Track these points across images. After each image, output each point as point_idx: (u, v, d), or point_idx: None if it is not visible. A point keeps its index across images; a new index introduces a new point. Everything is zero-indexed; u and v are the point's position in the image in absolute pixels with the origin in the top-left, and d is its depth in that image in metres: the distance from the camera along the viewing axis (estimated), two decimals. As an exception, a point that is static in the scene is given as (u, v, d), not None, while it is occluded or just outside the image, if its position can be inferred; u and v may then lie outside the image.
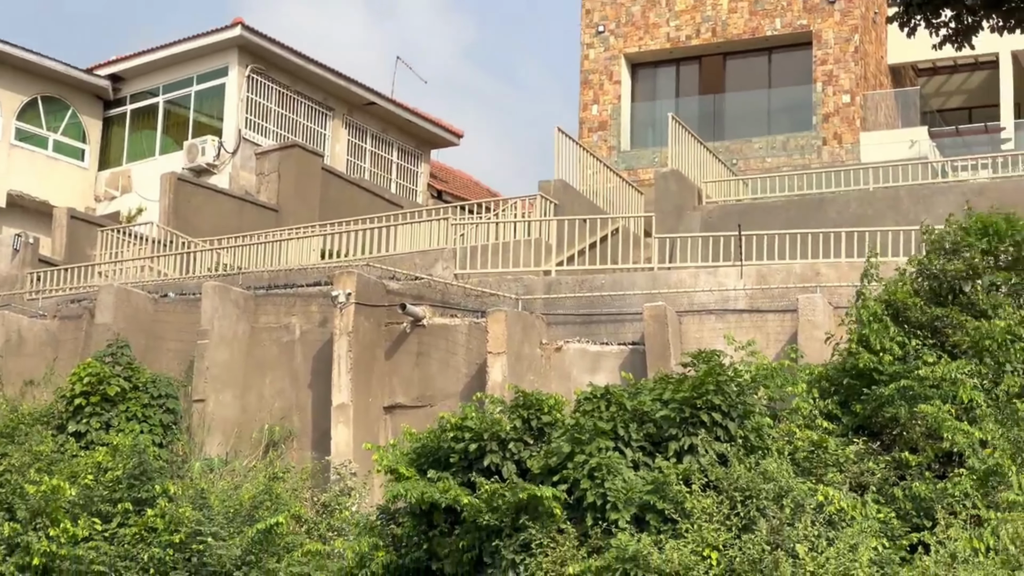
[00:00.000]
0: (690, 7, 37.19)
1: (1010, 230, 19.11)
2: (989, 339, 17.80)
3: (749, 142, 35.87)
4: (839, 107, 35.34)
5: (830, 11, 35.79)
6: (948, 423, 16.40)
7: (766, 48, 36.84)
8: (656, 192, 30.13)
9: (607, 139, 37.18)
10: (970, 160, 31.63)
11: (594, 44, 37.92)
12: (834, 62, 35.54)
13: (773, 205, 29.65)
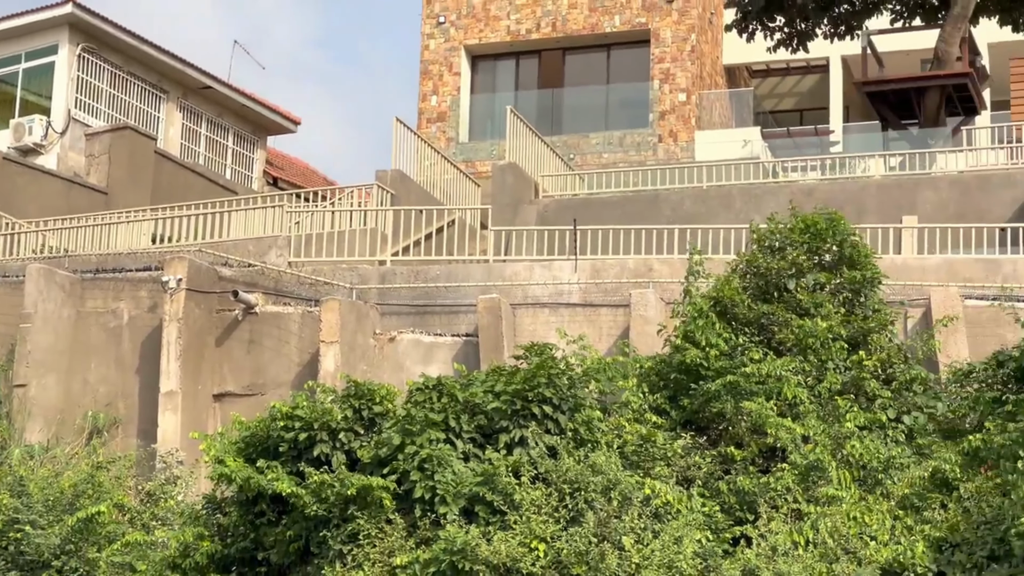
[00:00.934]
0: (531, 1, 37.37)
1: (832, 230, 19.54)
2: (812, 337, 18.19)
3: (587, 137, 36.16)
4: (675, 105, 35.80)
5: (668, 10, 36.23)
6: (772, 419, 16.70)
7: (605, 44, 37.18)
8: (493, 185, 30.20)
9: (446, 130, 37.16)
10: (800, 161, 32.30)
11: (434, 35, 37.88)
12: (671, 61, 36.00)
13: (609, 200, 29.92)
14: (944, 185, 28.36)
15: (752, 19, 33.68)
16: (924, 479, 16.01)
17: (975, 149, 30.60)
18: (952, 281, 22.41)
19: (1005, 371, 17.37)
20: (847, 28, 33.61)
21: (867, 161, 30.86)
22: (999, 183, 28.06)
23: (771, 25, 33.81)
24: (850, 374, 18.09)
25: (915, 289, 22.21)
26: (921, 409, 17.80)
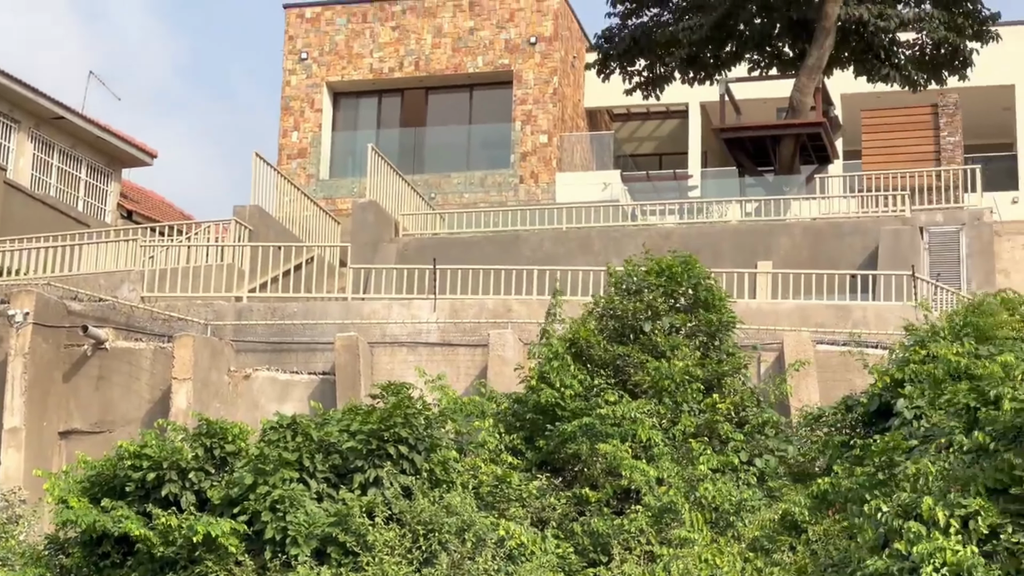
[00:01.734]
0: (394, 40, 37.39)
1: (687, 274, 19.76)
2: (668, 380, 18.34)
3: (448, 177, 36.21)
4: (537, 147, 36.03)
5: (531, 52, 36.49)
6: (626, 461, 16.78)
7: (468, 85, 37.33)
8: (353, 222, 30.06)
9: (306, 167, 36.94)
10: (659, 205, 32.68)
11: (296, 71, 37.70)
12: (533, 102, 36.24)
13: (469, 240, 29.94)
14: (798, 231, 28.88)
15: (613, 62, 34.09)
16: (774, 521, 16.20)
17: (828, 197, 31.21)
18: (805, 326, 22.80)
19: (853, 416, 17.69)
20: (706, 75, 34.16)
21: (724, 206, 31.31)
22: (850, 231, 28.66)
23: (631, 69, 34.23)
24: (704, 417, 18.27)
25: (769, 333, 22.54)
26: (772, 452, 18.03)
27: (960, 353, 16.98)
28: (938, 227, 28.76)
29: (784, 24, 33.16)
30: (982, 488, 14.39)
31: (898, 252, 27.62)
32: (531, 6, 36.91)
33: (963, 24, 32.51)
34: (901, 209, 29.05)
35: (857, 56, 33.20)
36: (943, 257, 28.32)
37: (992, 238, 28.64)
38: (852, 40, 32.76)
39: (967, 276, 27.93)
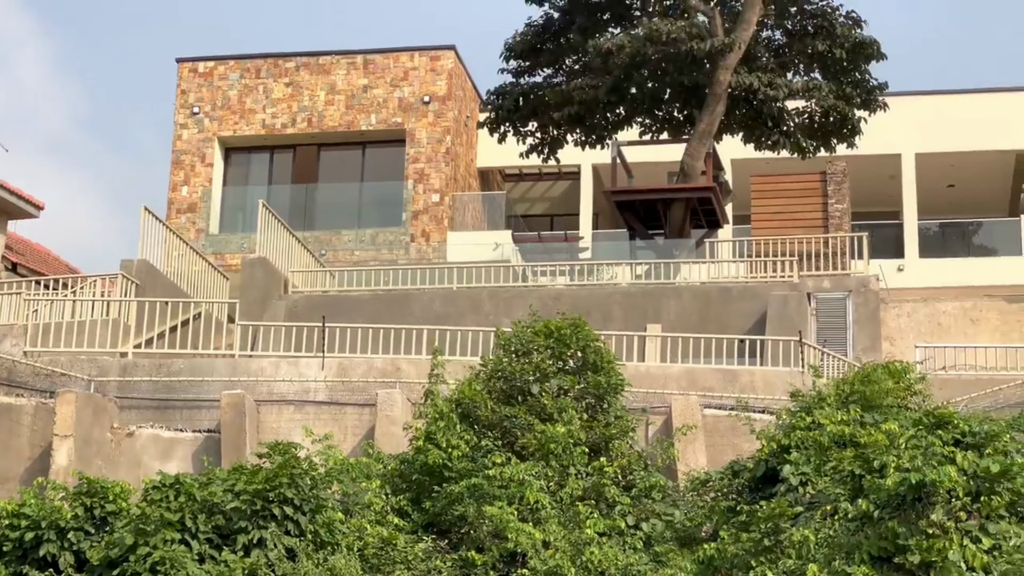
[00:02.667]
0: (287, 96, 37.28)
1: (576, 336, 19.78)
2: (555, 442, 18.31)
3: (339, 234, 36.05)
4: (428, 205, 36.03)
5: (424, 111, 36.57)
6: (513, 524, 16.70)
7: (361, 142, 37.30)
8: (242, 278, 29.74)
9: (196, 221, 36.59)
10: (550, 266, 32.77)
11: (188, 125, 37.40)
12: (426, 161, 36.28)
13: (359, 298, 29.76)
14: (687, 295, 29.08)
15: (505, 121, 34.24)
16: (662, 587, 16.19)
17: (717, 261, 31.51)
18: (693, 390, 22.90)
19: (740, 481, 17.76)
20: (598, 138, 34.43)
21: (614, 268, 31.47)
22: (739, 295, 28.92)
23: (524, 130, 34.42)
24: (591, 480, 18.25)
25: (657, 396, 22.62)
26: (659, 516, 18.04)
27: (845, 421, 17.15)
28: (825, 293, 29.13)
29: (676, 89, 33.55)
30: (866, 556, 14.50)
31: (786, 317, 27.90)
32: (425, 65, 37.03)
33: (851, 93, 33.13)
34: (789, 275, 29.39)
35: (747, 123, 33.67)
36: (830, 323, 28.67)
37: (878, 305, 29.06)
38: (742, 107, 33.24)
39: (853, 343, 28.27)
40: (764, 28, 33.98)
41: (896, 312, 30.04)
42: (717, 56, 31.74)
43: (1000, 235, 38.31)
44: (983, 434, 15.31)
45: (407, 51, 37.45)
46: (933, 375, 22.79)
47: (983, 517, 14.45)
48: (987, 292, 31.58)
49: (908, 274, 36.09)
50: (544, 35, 34.00)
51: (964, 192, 39.89)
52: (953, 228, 39.34)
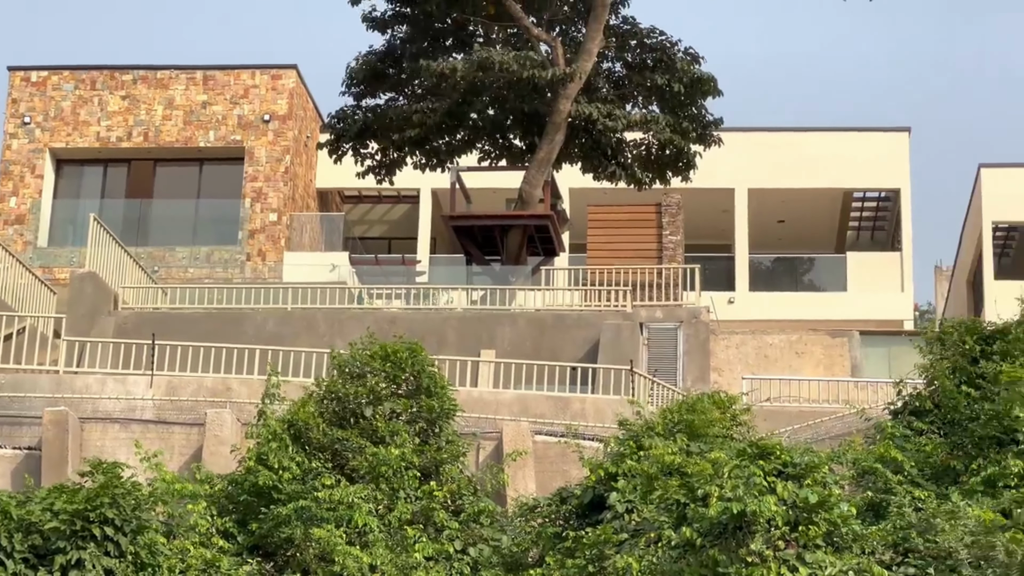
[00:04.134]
0: (123, 109, 36.66)
1: (411, 360, 19.75)
2: (386, 465, 18.22)
3: (173, 251, 35.52)
4: (266, 225, 35.69)
5: (264, 130, 36.26)
6: (340, 547, 16.57)
7: (198, 159, 36.82)
8: (71, 293, 29.07)
9: (24, 234, 35.73)
10: (386, 289, 32.66)
11: (18, 135, 36.54)
12: (264, 180, 35.95)
13: (192, 316, 29.31)
14: (522, 322, 29.23)
15: (345, 143, 34.10)
16: (486, 612, 16.18)
17: (553, 289, 31.74)
18: (525, 416, 23.00)
19: (568, 507, 17.86)
20: (438, 162, 34.47)
21: (450, 293, 31.51)
22: (573, 323, 29.15)
23: (363, 151, 34.29)
24: (421, 504, 18.20)
25: (489, 422, 22.67)
26: (487, 541, 18.04)
27: (672, 449, 17.35)
28: (657, 323, 29.51)
29: (516, 116, 33.77)
30: (687, 583, 14.69)
31: (618, 346, 28.18)
32: (266, 84, 36.72)
33: (688, 127, 33.65)
34: (623, 304, 29.71)
35: (585, 152, 34.00)
36: (661, 353, 29.04)
37: (708, 336, 29.52)
38: (582, 136, 33.55)
39: (683, 373, 28.67)
40: (605, 59, 34.37)
41: (725, 344, 30.54)
42: (558, 85, 32.03)
43: (826, 271, 39.29)
44: (803, 465, 15.61)
45: (248, 68, 37.09)
46: (758, 406, 23.22)
47: (800, 546, 14.73)
48: (812, 326, 32.30)
49: (738, 306, 36.77)
50: (386, 60, 33.97)
51: (794, 228, 40.80)
52: (783, 263, 40.22)
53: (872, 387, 26.61)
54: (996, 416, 17.72)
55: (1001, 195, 38.19)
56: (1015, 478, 16.61)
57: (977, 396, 18.55)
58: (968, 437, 17.95)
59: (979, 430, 17.84)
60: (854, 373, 29.69)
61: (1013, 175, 38.71)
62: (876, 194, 40.68)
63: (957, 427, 18.35)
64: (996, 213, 38.41)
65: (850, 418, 22.04)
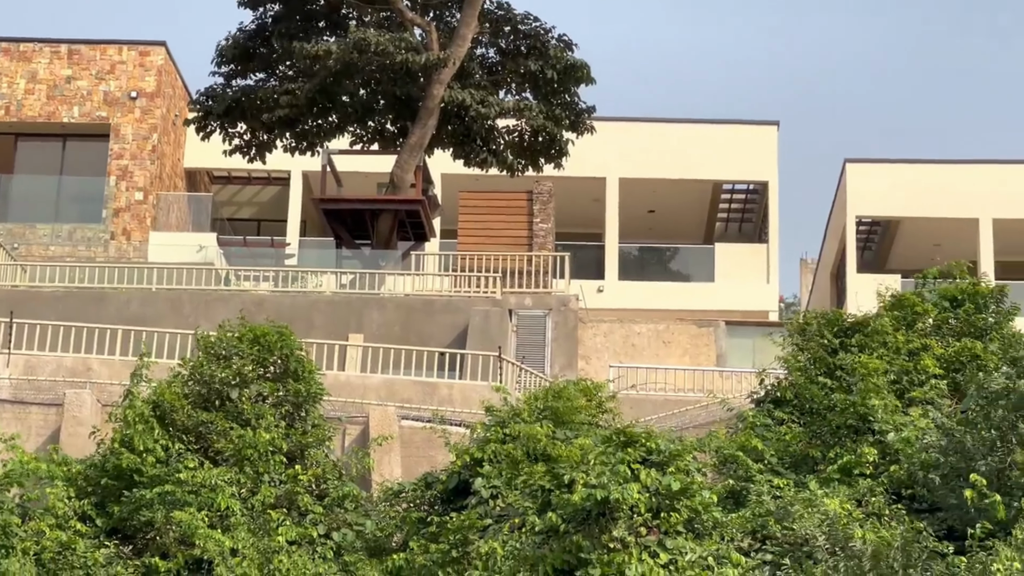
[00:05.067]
0: (-17, 82, 35.79)
1: (280, 343, 19.58)
2: (251, 449, 18.06)
3: (34, 228, 34.77)
4: (131, 203, 35.10)
5: (131, 107, 35.62)
6: (201, 530, 16.38)
7: (62, 134, 36.05)
8: (-75, 269, 28.38)
9: None
10: (254, 271, 32.33)
11: None
12: (130, 158, 35.34)
13: (52, 295, 28.75)
14: (391, 307, 29.12)
15: (214, 122, 33.64)
16: (345, 596, 16.11)
17: (422, 274, 31.66)
18: (392, 401, 22.95)
19: (433, 492, 17.85)
20: (309, 144, 34.16)
21: (320, 277, 31.28)
22: (442, 309, 29.13)
23: (232, 131, 33.85)
24: (285, 488, 18.07)
25: (356, 406, 22.57)
26: (351, 526, 17.97)
27: (538, 436, 17.40)
28: (527, 310, 29.60)
29: (389, 100, 33.58)
30: (550, 568, 14.76)
31: (487, 333, 28.23)
32: (134, 60, 36.06)
33: (560, 115, 33.72)
34: (492, 291, 29.74)
35: (458, 138, 33.92)
36: (530, 340, 29.15)
37: (576, 324, 29.68)
38: (454, 122, 33.47)
39: (551, 360, 28.80)
40: (479, 45, 34.32)
41: (593, 332, 30.72)
42: (431, 70, 31.91)
43: (694, 261, 39.68)
44: (667, 453, 15.77)
45: (115, 44, 36.37)
46: (625, 394, 23.39)
47: (662, 533, 14.89)
48: (680, 316, 32.61)
49: (607, 295, 36.99)
50: (257, 39, 33.57)
51: (664, 218, 41.14)
52: (652, 252, 40.53)
53: (736, 377, 26.97)
54: (852, 406, 18.05)
55: (865, 190, 38.90)
56: (870, 466, 16.93)
57: (834, 386, 18.86)
58: (826, 426, 18.26)
59: (836, 419, 18.15)
60: (719, 363, 30.05)
61: (877, 170, 39.47)
62: (744, 186, 41.18)
63: (816, 417, 18.65)
64: (860, 207, 39.12)
65: (714, 407, 22.29)
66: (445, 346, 27.52)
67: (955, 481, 15.31)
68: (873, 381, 18.28)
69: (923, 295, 21.42)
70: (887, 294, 21.56)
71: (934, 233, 38.38)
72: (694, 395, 26.13)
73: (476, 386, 24.26)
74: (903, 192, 38.60)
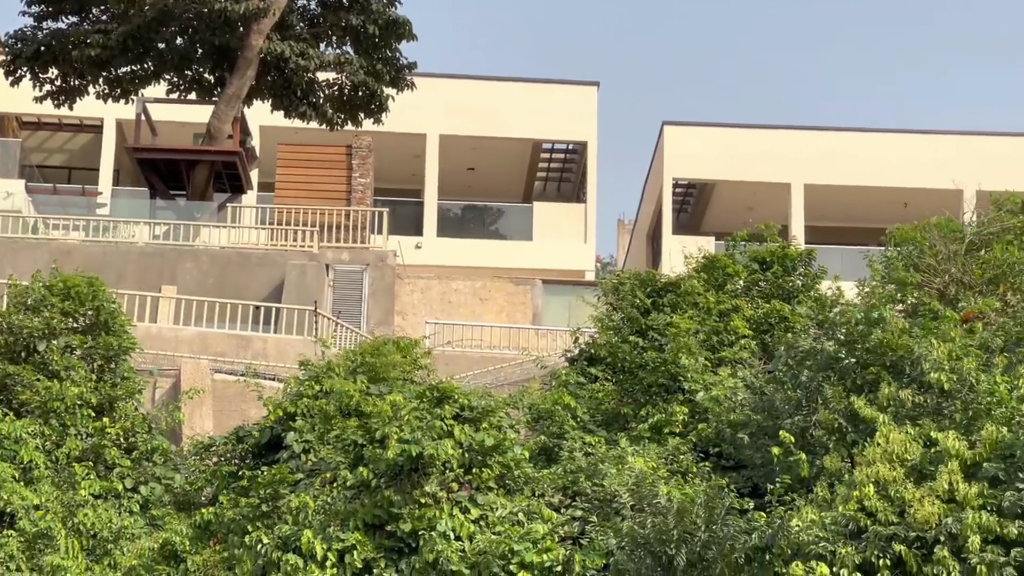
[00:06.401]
0: None
1: (91, 294, 19.18)
2: (58, 401, 17.71)
3: None
4: (-66, 148, 33.94)
5: (-64, 48, 34.40)
6: (7, 484, 16.01)
7: None
8: None
9: None
10: (64, 220, 31.57)
11: None
12: (-66, 101, 34.11)
13: None
14: (206, 259, 28.73)
15: (23, 65, 32.63)
16: (154, 551, 15.89)
17: (239, 227, 31.27)
18: (205, 354, 22.68)
19: (244, 446, 17.71)
20: (123, 92, 33.38)
21: (133, 227, 30.68)
22: (258, 262, 28.83)
23: (42, 76, 32.87)
24: (92, 441, 17.76)
25: (168, 359, 22.24)
26: (159, 480, 17.73)
27: (352, 391, 17.36)
28: (344, 265, 29.47)
29: (207, 49, 32.95)
30: (361, 523, 14.80)
31: (303, 287, 28.04)
32: (-61, -2, 34.80)
33: (381, 70, 33.50)
34: (309, 245, 29.53)
35: (277, 90, 33.48)
36: (346, 295, 29.03)
37: (394, 280, 29.65)
38: (273, 74, 33.03)
39: (368, 315, 28.74)
40: (300, -3, 33.91)
41: (411, 288, 30.73)
42: (251, 20, 31.42)
43: (513, 220, 39.88)
44: (481, 409, 15.90)
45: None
46: (440, 351, 23.47)
47: (474, 488, 15.02)
48: (497, 273, 32.78)
49: (426, 252, 37.00)
50: (71, -20, 32.63)
51: (484, 176, 41.25)
52: (471, 210, 40.62)
53: (552, 335, 27.24)
54: (664, 365, 18.35)
55: (682, 153, 39.50)
56: (680, 424, 17.25)
57: (646, 346, 19.14)
58: (638, 385, 18.54)
59: (648, 378, 18.44)
60: (535, 321, 30.32)
61: (694, 133, 40.11)
62: (564, 146, 41.48)
63: (628, 375, 18.92)
64: (677, 170, 39.71)
65: (528, 365, 22.50)
66: (261, 300, 27.28)
67: (763, 439, 15.70)
68: (684, 341, 18.61)
69: (734, 257, 21.82)
70: (699, 255, 21.91)
71: (748, 197, 39.17)
72: (510, 352, 26.33)
73: (291, 340, 24.11)
74: (719, 155, 39.29)
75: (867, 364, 15.43)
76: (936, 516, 13.30)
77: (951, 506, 13.44)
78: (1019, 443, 13.65)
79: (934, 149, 39.21)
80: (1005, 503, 13.28)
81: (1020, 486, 13.32)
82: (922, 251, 20.07)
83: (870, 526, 13.48)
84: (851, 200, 39.43)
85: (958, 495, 13.44)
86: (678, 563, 13.30)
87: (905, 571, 13.23)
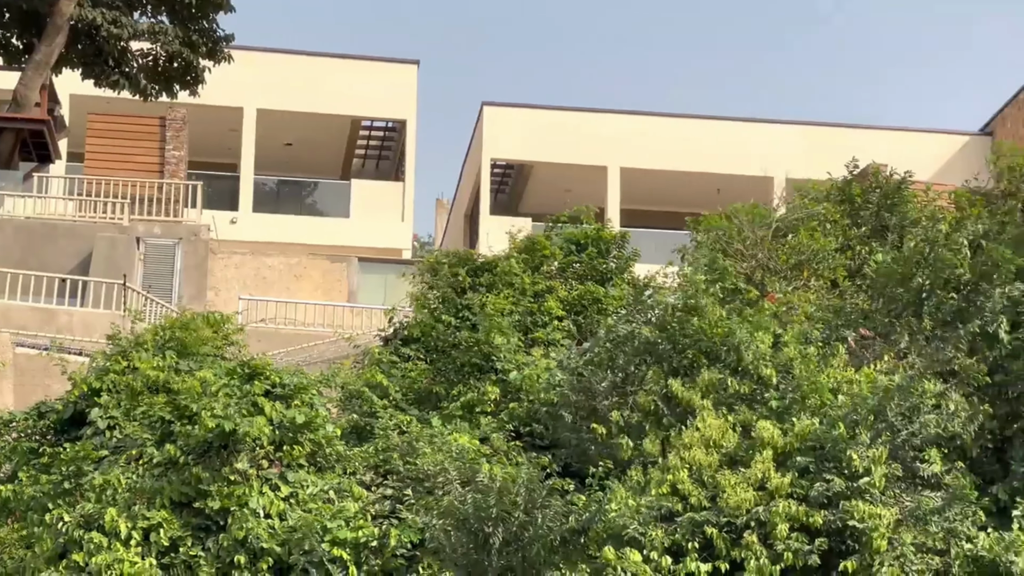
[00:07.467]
0: None
1: None
2: None
3: None
4: None
5: None
6: None
7: None
8: None
9: None
10: None
11: None
12: None
13: None
14: (10, 230, 27.92)
15: None
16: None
17: (45, 197, 30.44)
18: (6, 327, 22.02)
19: (46, 422, 17.17)
20: (6, 59, 32.20)
21: (-66, 195, 29.69)
22: (65, 234, 28.11)
23: None
24: None
25: (-33, 332, 21.52)
26: (-47, 456, 17.11)
27: (160, 367, 16.99)
28: (155, 239, 28.92)
29: (15, 14, 31.88)
30: (167, 501, 14.52)
31: (113, 260, 27.42)
32: None
33: (197, 41, 32.77)
34: (120, 217, 28.89)
35: (88, 59, 32.54)
36: (158, 269, 28.50)
37: (207, 255, 29.17)
38: (84, 41, 32.09)
39: (180, 290, 28.24)
40: (114, -38, 33.04)
41: (225, 263, 30.27)
42: (61, -15, 30.50)
43: (331, 197, 39.59)
44: (292, 386, 15.71)
45: None
46: (253, 327, 23.18)
47: (284, 466, 14.84)
48: (313, 250, 32.48)
49: (240, 227, 36.48)
50: None
51: (301, 152, 40.83)
52: (288, 186, 40.21)
53: (367, 313, 27.12)
54: (477, 344, 18.35)
55: (501, 133, 39.61)
56: (492, 404, 17.27)
57: (461, 325, 19.13)
58: (451, 364, 18.51)
59: (461, 357, 18.42)
60: (351, 299, 30.14)
61: (513, 114, 40.23)
62: (383, 124, 41.27)
63: (442, 355, 18.88)
64: (495, 150, 39.80)
65: (343, 343, 22.31)
66: (68, 272, 26.59)
67: (579, 421, 15.76)
68: (498, 321, 18.63)
69: (550, 238, 21.93)
70: (517, 236, 21.98)
71: (565, 178, 39.46)
72: (324, 330, 26.13)
73: (99, 314, 23.55)
74: (537, 137, 39.49)
75: (683, 349, 15.58)
76: (748, 503, 13.50)
77: (762, 494, 13.66)
78: (829, 436, 13.93)
79: (747, 136, 39.97)
80: (812, 493, 13.56)
81: (827, 477, 13.61)
82: (731, 237, 20.39)
83: (682, 511, 13.62)
84: (666, 184, 39.98)
85: (770, 484, 13.67)
86: (494, 541, 13.28)
87: (714, 554, 13.41)
